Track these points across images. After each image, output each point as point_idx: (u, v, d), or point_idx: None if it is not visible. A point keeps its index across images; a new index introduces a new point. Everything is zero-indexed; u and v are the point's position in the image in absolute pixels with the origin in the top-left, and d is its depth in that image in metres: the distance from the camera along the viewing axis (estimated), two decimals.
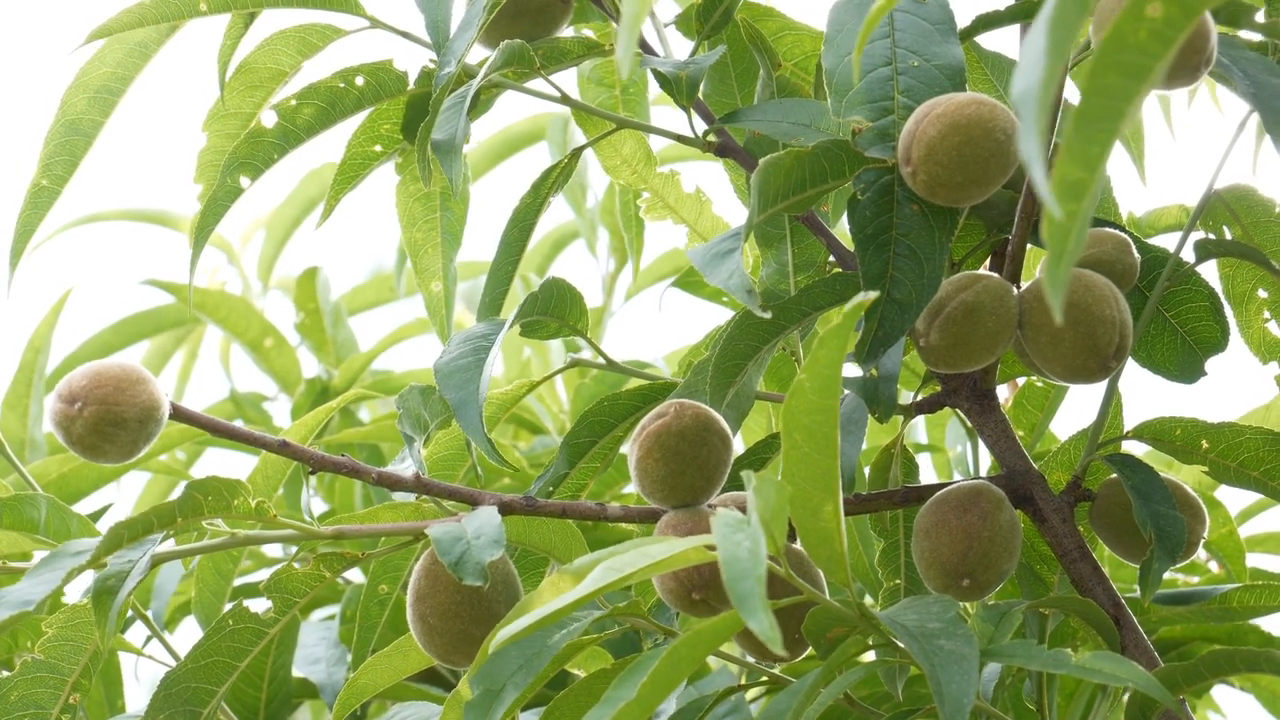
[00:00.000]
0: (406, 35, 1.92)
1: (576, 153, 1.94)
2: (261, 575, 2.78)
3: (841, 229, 1.86)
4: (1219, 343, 1.84)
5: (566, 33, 1.91)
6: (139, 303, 3.45)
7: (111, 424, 1.60)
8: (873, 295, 1.30)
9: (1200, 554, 2.42)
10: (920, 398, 1.83)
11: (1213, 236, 1.86)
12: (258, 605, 1.71)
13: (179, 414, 1.66)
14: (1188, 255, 1.83)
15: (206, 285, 3.49)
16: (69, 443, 1.61)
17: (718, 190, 2.12)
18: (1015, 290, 1.71)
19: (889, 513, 1.86)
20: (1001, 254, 1.78)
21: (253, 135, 1.91)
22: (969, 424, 1.88)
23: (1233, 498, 2.62)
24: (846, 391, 1.74)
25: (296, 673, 2.46)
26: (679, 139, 1.86)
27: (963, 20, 1.71)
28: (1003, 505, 1.73)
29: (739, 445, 1.78)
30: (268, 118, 1.91)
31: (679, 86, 1.82)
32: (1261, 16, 1.65)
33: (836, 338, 1.31)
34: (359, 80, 1.91)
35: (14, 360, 3.02)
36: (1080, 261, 1.74)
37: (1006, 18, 1.70)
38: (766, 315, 1.63)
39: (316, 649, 2.54)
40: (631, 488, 2.54)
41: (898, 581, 1.87)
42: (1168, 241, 1.89)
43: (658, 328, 3.92)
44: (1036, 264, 1.91)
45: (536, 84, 1.88)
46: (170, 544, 1.68)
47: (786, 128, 1.79)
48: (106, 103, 1.94)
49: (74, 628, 1.74)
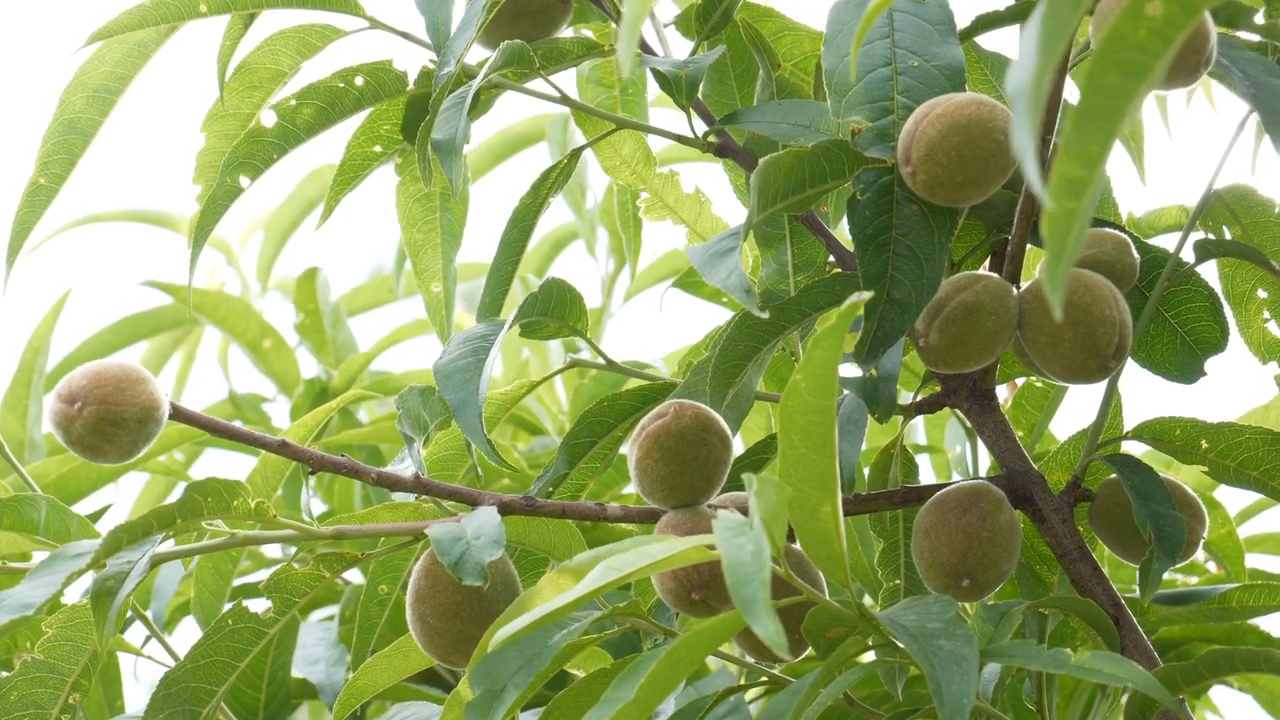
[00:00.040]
0: (406, 35, 1.92)
1: (576, 153, 1.94)
2: (261, 576, 2.78)
3: (841, 229, 1.86)
4: (1218, 343, 1.84)
5: (566, 33, 1.91)
6: (138, 303, 3.45)
7: (111, 424, 1.60)
8: (867, 295, 1.30)
9: (1199, 554, 2.42)
10: (920, 398, 1.83)
11: (1212, 236, 1.86)
12: (257, 605, 1.71)
13: (179, 414, 1.66)
14: (1187, 255, 1.83)
15: (205, 286, 3.48)
16: (68, 443, 1.61)
17: (717, 190, 2.12)
18: (1015, 290, 1.71)
19: (888, 513, 1.86)
20: (1001, 254, 1.77)
21: (252, 135, 1.91)
22: (968, 424, 1.88)
23: (1232, 498, 2.62)
24: (846, 392, 1.74)
25: (296, 673, 2.46)
26: (678, 139, 1.86)
27: (963, 20, 1.71)
28: (1002, 505, 1.73)
29: (739, 445, 1.78)
30: (267, 118, 1.91)
31: (678, 86, 1.82)
32: (1261, 17, 1.65)
33: (831, 338, 1.30)
34: (358, 80, 1.91)
35: (13, 360, 3.01)
36: (1080, 262, 1.74)
37: (1006, 18, 1.70)
38: (764, 315, 1.63)
39: (316, 649, 2.53)
40: (631, 488, 2.54)
41: (897, 582, 1.87)
42: (1167, 241, 1.89)
43: (657, 328, 3.92)
44: (1036, 264, 1.91)
45: (536, 84, 1.88)
46: (170, 544, 1.68)
47: (786, 128, 1.79)
48: (105, 102, 1.94)
49: (73, 628, 1.74)
